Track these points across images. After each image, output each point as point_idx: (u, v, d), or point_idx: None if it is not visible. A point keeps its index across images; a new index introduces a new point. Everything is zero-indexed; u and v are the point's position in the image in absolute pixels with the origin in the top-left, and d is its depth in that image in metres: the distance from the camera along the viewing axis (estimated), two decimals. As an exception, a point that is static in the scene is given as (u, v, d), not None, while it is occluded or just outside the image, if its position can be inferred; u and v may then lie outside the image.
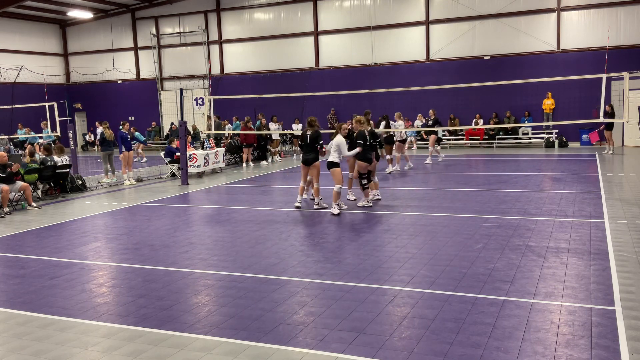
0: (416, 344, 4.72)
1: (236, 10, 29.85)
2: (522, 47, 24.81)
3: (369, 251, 7.78)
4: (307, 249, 8.07)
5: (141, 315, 5.63)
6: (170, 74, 31.69)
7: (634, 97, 19.46)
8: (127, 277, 6.99)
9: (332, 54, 28.05)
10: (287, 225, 9.79)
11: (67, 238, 9.42)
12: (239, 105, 26.89)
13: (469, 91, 23.30)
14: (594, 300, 5.58)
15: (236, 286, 6.43)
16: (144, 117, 31.53)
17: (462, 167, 17.92)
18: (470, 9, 25.33)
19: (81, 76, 33.36)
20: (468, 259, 7.17)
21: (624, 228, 8.59)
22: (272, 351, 4.69)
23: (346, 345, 4.74)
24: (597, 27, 23.61)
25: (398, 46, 26.83)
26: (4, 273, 7.41)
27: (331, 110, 27.38)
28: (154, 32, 31.66)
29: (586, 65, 22.75)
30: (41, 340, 5.12)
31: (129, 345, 4.94)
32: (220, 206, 12.18)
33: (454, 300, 5.71)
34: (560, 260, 7.01)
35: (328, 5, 28.00)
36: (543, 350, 4.53)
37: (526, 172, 15.88)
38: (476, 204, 11.05)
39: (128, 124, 17.45)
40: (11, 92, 27.64)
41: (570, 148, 23.11)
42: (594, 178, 14.01)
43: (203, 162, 17.72)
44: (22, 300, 6.26)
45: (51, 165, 13.98)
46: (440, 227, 9.09)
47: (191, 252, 8.10)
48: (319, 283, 6.44)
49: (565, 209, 10.19)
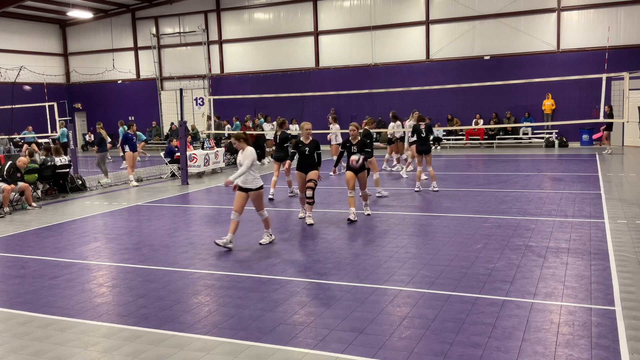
0: (416, 344, 4.72)
1: (236, 10, 29.84)
2: (522, 47, 24.81)
3: (369, 251, 7.78)
4: (307, 249, 8.06)
5: (141, 315, 5.63)
6: (170, 74, 31.69)
7: (634, 97, 19.47)
8: (127, 277, 6.99)
9: (332, 54, 28.04)
10: (287, 225, 9.79)
11: (67, 238, 9.42)
12: (239, 105, 26.89)
13: (469, 91, 23.29)
14: (594, 300, 5.58)
15: (236, 286, 6.43)
16: (144, 117, 31.51)
17: (462, 167, 17.91)
18: (470, 9, 25.33)
19: (81, 76, 33.36)
20: (468, 259, 7.17)
21: (624, 228, 8.59)
22: (272, 351, 4.69)
23: (346, 345, 4.74)
24: (597, 27, 23.60)
25: (398, 46, 26.83)
26: (4, 273, 7.41)
27: (331, 110, 27.36)
28: (154, 32, 31.66)
29: (586, 65, 22.74)
30: (41, 340, 5.12)
31: (129, 345, 4.94)
32: (220, 206, 12.17)
33: (454, 300, 5.70)
34: (560, 260, 7.01)
35: (328, 5, 28.00)
36: (543, 350, 4.53)
37: (526, 172, 15.87)
38: (476, 204, 11.04)
39: (135, 125, 17.56)
40: (11, 92, 27.66)
41: (570, 148, 23.11)
42: (594, 178, 14.01)
43: (203, 162, 17.72)
44: (22, 300, 6.26)
45: (51, 166, 13.98)
46: (440, 227, 9.09)
47: (191, 252, 8.09)
48: (319, 283, 6.44)
49: (565, 209, 10.19)
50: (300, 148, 9.87)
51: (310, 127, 9.96)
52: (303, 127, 9.98)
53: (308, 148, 9.82)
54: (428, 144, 12.73)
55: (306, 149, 9.81)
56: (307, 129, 9.91)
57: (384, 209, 10.90)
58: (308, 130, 9.91)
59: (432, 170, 12.89)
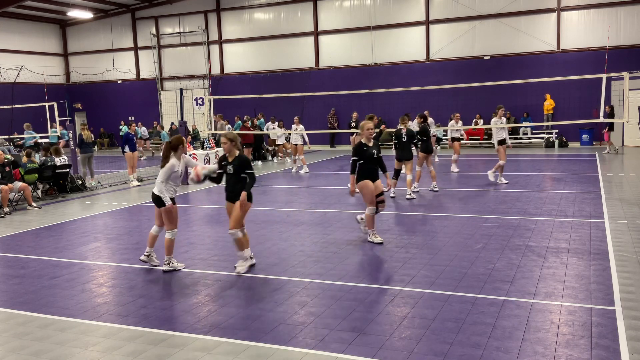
0: (416, 344, 4.72)
1: (236, 10, 29.84)
2: (522, 47, 24.81)
3: (368, 251, 7.78)
4: (307, 249, 8.06)
5: (141, 315, 5.63)
6: (170, 74, 31.68)
7: (634, 97, 19.46)
8: (127, 277, 6.99)
9: (332, 54, 28.04)
10: (287, 225, 9.79)
11: (67, 238, 9.42)
12: (239, 105, 26.88)
13: (469, 91, 23.27)
14: (594, 300, 5.58)
15: (236, 286, 6.43)
16: (144, 117, 31.49)
17: (462, 167, 17.91)
18: (470, 9, 25.33)
19: (81, 76, 33.35)
20: (468, 259, 7.17)
21: (624, 228, 8.59)
22: (272, 351, 4.69)
23: (346, 345, 4.74)
24: (597, 27, 23.60)
25: (398, 46, 26.82)
26: (4, 273, 7.41)
27: (332, 110, 27.38)
28: (154, 32, 31.65)
29: (586, 65, 22.73)
30: (41, 340, 5.12)
31: (129, 345, 4.94)
32: (221, 206, 12.16)
33: (454, 300, 5.70)
34: (560, 260, 7.01)
35: (328, 5, 27.99)
36: (543, 350, 4.53)
37: (526, 172, 15.87)
38: (476, 204, 11.04)
39: (134, 125, 17.45)
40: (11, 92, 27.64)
41: (570, 148, 23.10)
42: (594, 178, 14.01)
43: (203, 162, 17.72)
44: (22, 300, 6.26)
45: (51, 166, 13.98)
46: (440, 227, 9.09)
47: (191, 252, 8.09)
48: (319, 283, 6.44)
49: (565, 209, 10.18)
50: (367, 152, 8.06)
51: (372, 127, 8.19)
52: (363, 128, 8.18)
53: (375, 151, 8.12)
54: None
55: (373, 152, 8.09)
56: (368, 128, 8.13)
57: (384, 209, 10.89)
58: (370, 130, 8.14)
59: (433, 170, 12.83)
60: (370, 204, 8.07)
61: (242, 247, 7.02)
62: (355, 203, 11.66)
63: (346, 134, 26.54)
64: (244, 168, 6.94)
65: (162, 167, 7.13)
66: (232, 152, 7.02)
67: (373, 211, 8.10)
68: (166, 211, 7.07)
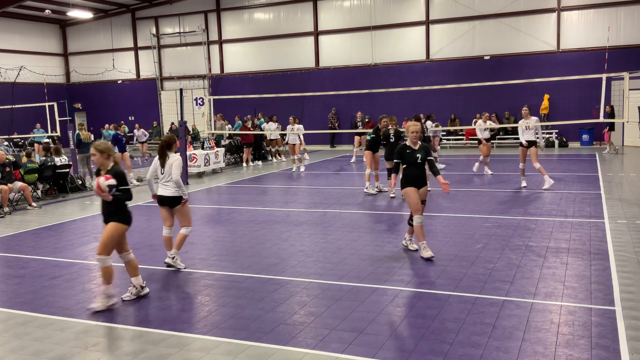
0: (416, 344, 4.72)
1: (236, 10, 29.84)
2: (522, 47, 24.81)
3: (368, 251, 7.78)
4: (307, 249, 8.06)
5: (141, 315, 5.63)
6: (170, 74, 31.68)
7: (634, 97, 19.46)
8: (127, 277, 6.98)
9: (332, 54, 28.04)
10: (287, 225, 9.79)
11: (67, 238, 9.42)
12: (239, 105, 26.88)
13: (469, 91, 23.27)
14: (594, 300, 5.58)
15: (236, 286, 6.43)
16: (144, 117, 31.50)
17: (462, 167, 17.91)
18: (470, 9, 25.33)
19: (81, 76, 33.36)
20: (468, 259, 7.17)
21: (624, 228, 8.59)
22: (272, 351, 4.69)
23: (346, 345, 4.74)
24: (597, 27, 23.60)
25: (398, 46, 26.82)
26: (4, 273, 7.41)
27: (332, 109, 27.38)
28: (154, 32, 31.65)
29: (586, 65, 22.74)
30: (41, 340, 5.12)
31: (129, 345, 4.94)
32: (220, 206, 12.17)
33: (454, 300, 5.70)
34: (560, 260, 7.01)
35: (328, 5, 27.99)
36: (543, 350, 4.53)
37: (526, 172, 15.84)
38: (476, 204, 11.04)
39: (124, 126, 17.40)
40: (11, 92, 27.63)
41: (570, 148, 23.10)
42: (594, 178, 14.01)
43: (203, 162, 17.72)
44: (22, 300, 6.26)
45: (51, 166, 13.98)
46: (440, 227, 9.09)
47: (191, 252, 8.09)
48: (319, 283, 6.44)
49: (565, 209, 10.18)
50: (410, 156, 7.49)
51: (418, 129, 7.56)
52: (408, 129, 7.62)
53: (420, 155, 7.50)
54: None
55: (417, 156, 7.48)
56: (413, 131, 7.53)
57: (384, 209, 10.90)
58: (415, 133, 7.54)
59: None
60: (416, 212, 7.44)
61: (108, 281, 5.92)
62: (356, 203, 11.67)
63: (346, 134, 26.55)
64: (120, 184, 5.83)
65: (163, 165, 7.15)
66: (104, 165, 5.93)
67: (421, 219, 7.46)
68: (183, 206, 7.16)
